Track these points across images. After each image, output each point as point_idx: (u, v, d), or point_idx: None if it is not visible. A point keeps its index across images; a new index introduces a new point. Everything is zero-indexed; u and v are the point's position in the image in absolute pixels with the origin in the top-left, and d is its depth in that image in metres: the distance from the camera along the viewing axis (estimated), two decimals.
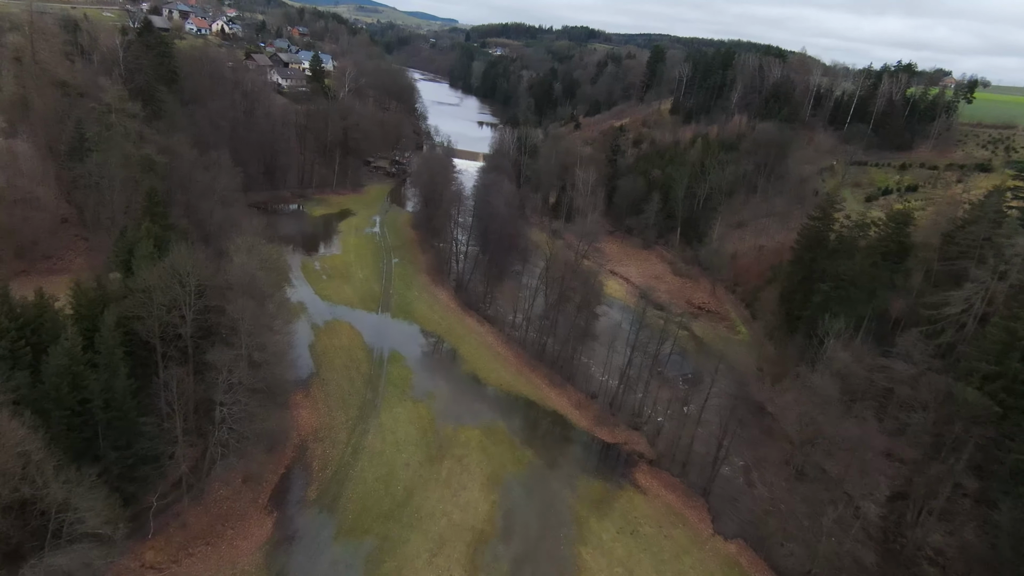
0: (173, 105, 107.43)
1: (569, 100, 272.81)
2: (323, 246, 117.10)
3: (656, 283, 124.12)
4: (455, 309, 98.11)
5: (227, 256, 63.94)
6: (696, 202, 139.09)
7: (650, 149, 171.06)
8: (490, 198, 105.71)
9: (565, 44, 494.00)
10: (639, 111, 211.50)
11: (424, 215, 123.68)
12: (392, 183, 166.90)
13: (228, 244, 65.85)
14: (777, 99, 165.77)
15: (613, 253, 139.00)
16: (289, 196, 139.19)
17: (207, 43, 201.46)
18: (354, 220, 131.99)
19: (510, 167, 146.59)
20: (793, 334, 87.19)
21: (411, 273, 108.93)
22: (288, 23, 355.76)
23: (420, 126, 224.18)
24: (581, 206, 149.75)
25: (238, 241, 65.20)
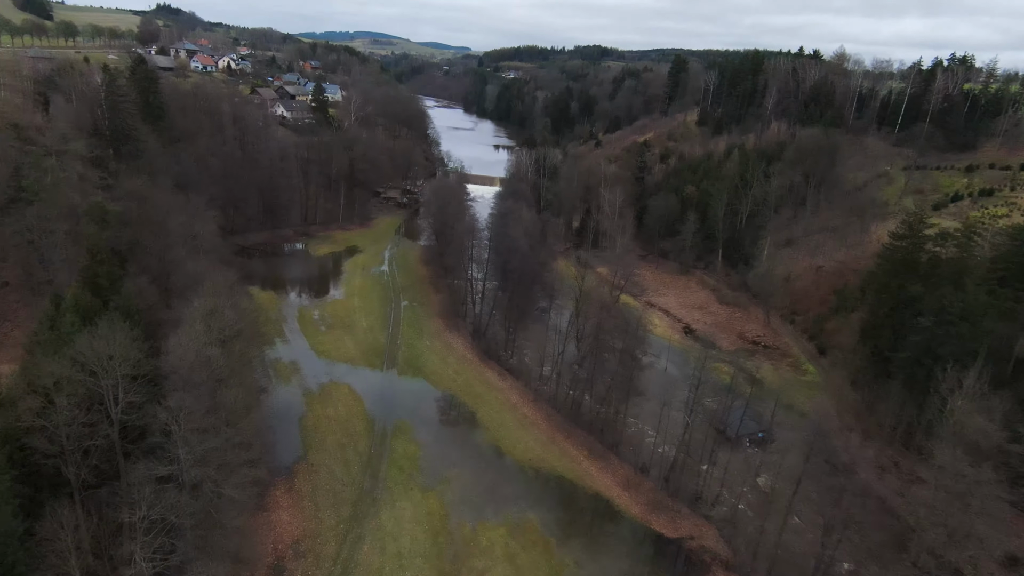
0: (154, 145, 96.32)
1: (587, 117, 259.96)
2: (324, 290, 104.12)
3: (700, 314, 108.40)
4: (472, 360, 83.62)
5: (180, 326, 50.63)
6: (738, 220, 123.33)
7: (679, 164, 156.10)
8: (508, 229, 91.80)
9: (578, 63, 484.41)
10: (663, 125, 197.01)
11: (436, 250, 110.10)
12: (404, 214, 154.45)
13: (185, 309, 52.62)
14: (818, 102, 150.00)
15: (648, 280, 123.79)
16: (291, 235, 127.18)
17: (212, 80, 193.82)
18: (360, 258, 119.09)
19: (528, 191, 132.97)
20: (882, 377, 70.74)
21: (422, 317, 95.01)
22: (301, 58, 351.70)
23: (432, 152, 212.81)
24: (608, 230, 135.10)
25: (195, 304, 51.92)
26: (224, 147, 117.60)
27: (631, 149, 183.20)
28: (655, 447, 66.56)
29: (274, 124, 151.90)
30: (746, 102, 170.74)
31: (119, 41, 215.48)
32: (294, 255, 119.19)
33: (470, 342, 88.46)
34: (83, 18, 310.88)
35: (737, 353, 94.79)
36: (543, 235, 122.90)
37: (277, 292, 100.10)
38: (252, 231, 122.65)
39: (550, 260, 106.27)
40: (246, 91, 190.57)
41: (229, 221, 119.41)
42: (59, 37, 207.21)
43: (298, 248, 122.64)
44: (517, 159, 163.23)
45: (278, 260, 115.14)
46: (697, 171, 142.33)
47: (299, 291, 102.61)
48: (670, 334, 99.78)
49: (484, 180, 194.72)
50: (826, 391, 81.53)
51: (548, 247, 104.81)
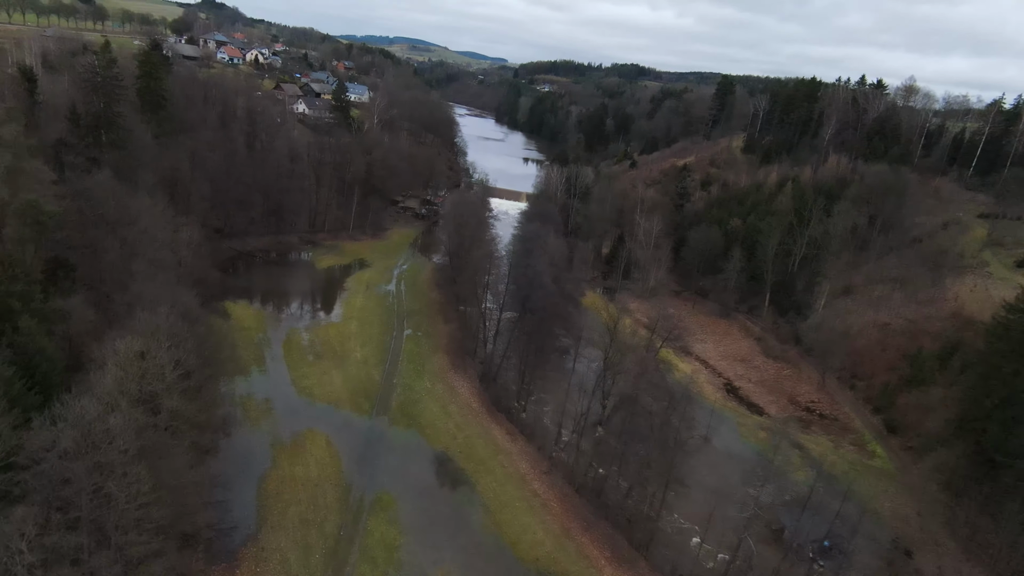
0: (144, 135, 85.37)
1: (622, 136, 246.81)
2: (320, 310, 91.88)
3: (744, 369, 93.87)
4: (478, 411, 70.30)
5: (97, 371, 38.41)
6: (791, 261, 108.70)
7: (723, 193, 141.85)
8: (531, 258, 78.53)
9: (615, 81, 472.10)
10: (705, 149, 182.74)
11: (449, 272, 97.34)
12: (421, 227, 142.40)
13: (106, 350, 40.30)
14: (883, 136, 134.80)
15: (684, 323, 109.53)
16: (296, 242, 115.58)
17: (235, 72, 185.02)
18: (367, 274, 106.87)
19: (557, 212, 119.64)
20: (987, 482, 55.88)
21: (426, 352, 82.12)
22: (336, 58, 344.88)
23: (458, 162, 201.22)
24: (642, 260, 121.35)
25: (118, 347, 39.62)
26: (229, 143, 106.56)
27: (669, 173, 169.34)
28: (699, 551, 52.52)
29: (291, 122, 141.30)
30: (799, 131, 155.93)
31: (149, 27, 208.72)
32: (295, 265, 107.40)
33: (477, 387, 75.19)
34: (125, 5, 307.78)
35: (787, 422, 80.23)
36: (570, 259, 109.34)
37: (267, 308, 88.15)
38: (253, 235, 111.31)
39: (577, 295, 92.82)
40: (269, 85, 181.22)
41: (228, 222, 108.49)
42: (88, 19, 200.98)
43: (301, 257, 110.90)
44: (547, 176, 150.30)
45: (276, 270, 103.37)
46: (744, 203, 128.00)
47: (292, 309, 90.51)
48: (710, 392, 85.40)
49: (510, 195, 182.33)
50: (903, 486, 66.52)
51: (575, 280, 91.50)
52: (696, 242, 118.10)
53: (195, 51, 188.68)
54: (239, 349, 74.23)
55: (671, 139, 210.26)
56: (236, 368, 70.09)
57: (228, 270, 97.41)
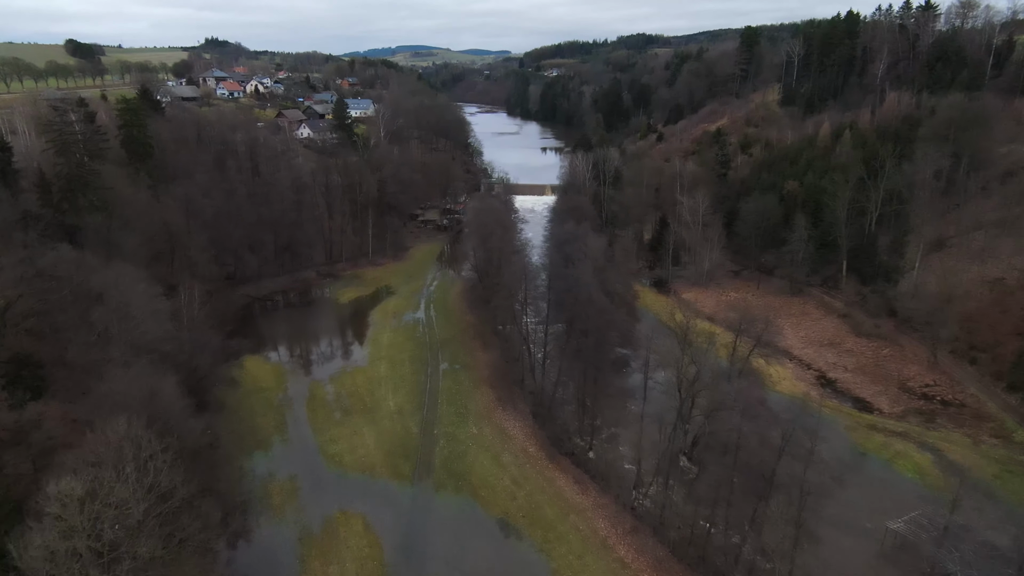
0: (127, 190, 76.81)
1: (641, 109, 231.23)
2: (345, 353, 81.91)
3: (835, 355, 79.92)
4: (536, 458, 58.99)
5: None
6: (867, 221, 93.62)
7: (768, 154, 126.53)
8: (574, 269, 66.63)
9: (624, 54, 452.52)
10: (736, 108, 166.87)
11: (480, 291, 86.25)
12: (444, 239, 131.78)
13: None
14: (946, 62, 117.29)
15: (747, 305, 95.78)
16: (314, 278, 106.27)
17: (237, 106, 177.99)
18: (392, 303, 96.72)
19: (588, 204, 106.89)
20: None
21: (466, 388, 71.21)
22: (339, 76, 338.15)
23: (474, 163, 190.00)
24: (690, 242, 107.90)
25: (50, 490, 29.65)
26: (227, 183, 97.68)
27: (703, 140, 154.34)
28: None
29: (294, 149, 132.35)
30: (843, 73, 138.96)
31: (148, 75, 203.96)
32: (315, 304, 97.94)
33: (531, 425, 63.86)
34: (134, 59, 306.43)
35: (906, 416, 66.44)
36: (613, 260, 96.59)
37: (287, 360, 78.75)
38: (267, 277, 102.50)
39: (630, 297, 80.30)
40: (271, 114, 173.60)
41: (238, 268, 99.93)
42: (86, 77, 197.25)
43: (321, 294, 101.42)
44: (571, 165, 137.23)
45: (295, 313, 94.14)
46: (796, 161, 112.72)
47: (314, 356, 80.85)
48: (801, 389, 71.93)
49: (533, 189, 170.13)
50: None
51: (624, 280, 78.81)
52: (750, 214, 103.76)
53: (194, 91, 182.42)
54: (257, 417, 64.82)
55: (696, 104, 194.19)
56: (254, 442, 60.66)
57: (243, 320, 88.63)
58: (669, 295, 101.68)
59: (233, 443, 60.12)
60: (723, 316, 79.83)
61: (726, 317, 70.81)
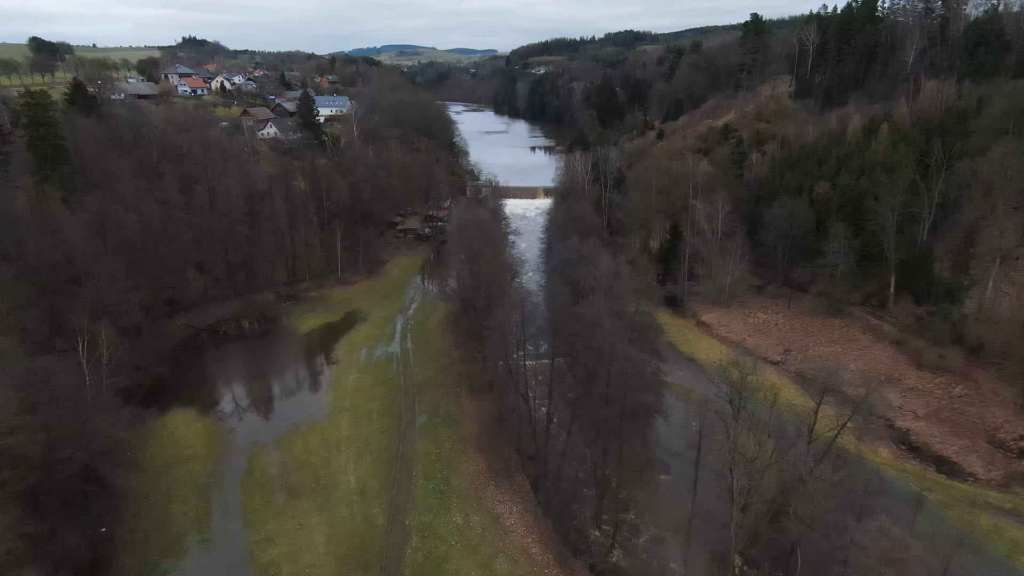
0: (12, 206, 60.15)
1: (637, 104, 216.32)
2: (299, 403, 65.60)
3: (898, 395, 64.90)
4: (542, 563, 43.40)
5: None
6: (919, 229, 78.96)
7: (787, 152, 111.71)
8: (582, 301, 51.05)
9: (613, 50, 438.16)
10: (742, 103, 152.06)
11: (467, 322, 70.47)
12: (426, 250, 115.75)
13: None
14: (988, 47, 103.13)
15: (780, 329, 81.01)
16: (272, 301, 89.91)
17: (199, 104, 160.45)
18: (362, 332, 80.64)
19: (592, 212, 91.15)
20: None
21: (449, 453, 55.48)
22: (319, 73, 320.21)
23: (460, 164, 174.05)
24: (705, 254, 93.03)
25: None
26: (159, 193, 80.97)
27: (709, 137, 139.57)
28: None
29: (257, 151, 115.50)
30: (864, 62, 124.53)
31: (106, 73, 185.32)
32: (270, 334, 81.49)
33: (532, 510, 48.25)
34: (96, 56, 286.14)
35: (1010, 484, 51.67)
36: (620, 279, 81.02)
37: (223, 416, 62.33)
38: (216, 301, 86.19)
39: (651, 328, 64.71)
40: (236, 112, 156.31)
41: (182, 292, 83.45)
42: (35, 74, 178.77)
43: (278, 322, 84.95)
44: (568, 166, 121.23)
45: (242, 348, 77.71)
46: (824, 160, 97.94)
47: (260, 408, 64.61)
48: (866, 446, 56.87)
49: (524, 192, 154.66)
50: None
51: (640, 304, 62.90)
52: (775, 220, 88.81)
53: (151, 88, 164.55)
54: (173, 505, 48.69)
55: (697, 99, 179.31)
56: (164, 545, 44.59)
57: (177, 359, 72.23)
58: (687, 317, 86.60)
59: (134, 549, 44.05)
60: (782, 360, 64.72)
61: (798, 370, 55.33)
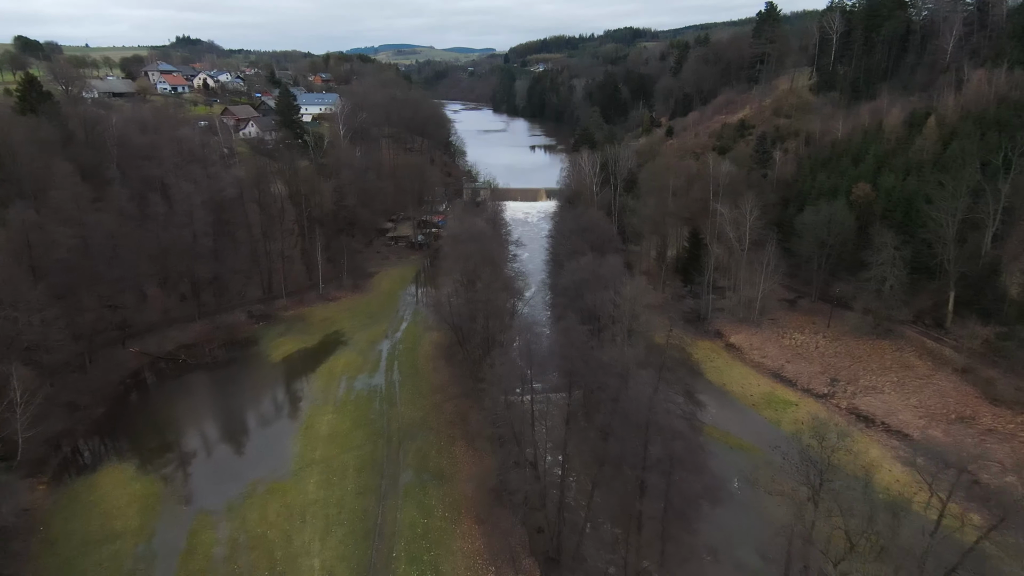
0: None
1: (642, 101, 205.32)
2: (260, 451, 54.51)
3: (973, 437, 53.86)
4: None
5: None
6: (983, 238, 68.07)
7: (817, 150, 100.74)
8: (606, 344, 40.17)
9: (612, 47, 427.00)
10: (758, 97, 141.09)
11: (462, 352, 59.45)
12: (419, 259, 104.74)
13: None
14: None
15: (821, 353, 70.13)
16: (242, 323, 78.95)
17: (179, 101, 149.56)
18: (342, 359, 69.64)
19: (606, 221, 79.92)
20: None
21: (440, 527, 44.55)
22: (312, 71, 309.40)
23: (457, 164, 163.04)
24: (728, 264, 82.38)
25: None
26: (104, 201, 69.92)
27: (724, 135, 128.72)
28: None
29: (222, 153, 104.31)
30: (894, 51, 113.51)
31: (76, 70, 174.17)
32: (236, 363, 70.41)
33: None
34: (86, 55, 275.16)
35: None
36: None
37: (167, 472, 51.29)
38: (177, 324, 75.33)
39: (685, 362, 53.61)
40: (217, 111, 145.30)
41: (138, 314, 72.60)
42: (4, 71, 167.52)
43: (248, 348, 73.92)
44: (574, 166, 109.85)
45: (202, 381, 66.60)
46: (860, 159, 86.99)
47: (211, 462, 53.53)
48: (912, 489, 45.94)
49: (526, 195, 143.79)
50: None
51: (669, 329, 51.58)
52: (810, 227, 77.95)
53: (127, 86, 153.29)
54: None
55: (705, 94, 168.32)
56: None
57: (122, 397, 61.33)
58: (712, 338, 75.67)
59: None
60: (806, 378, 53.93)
61: (851, 405, 44.38)
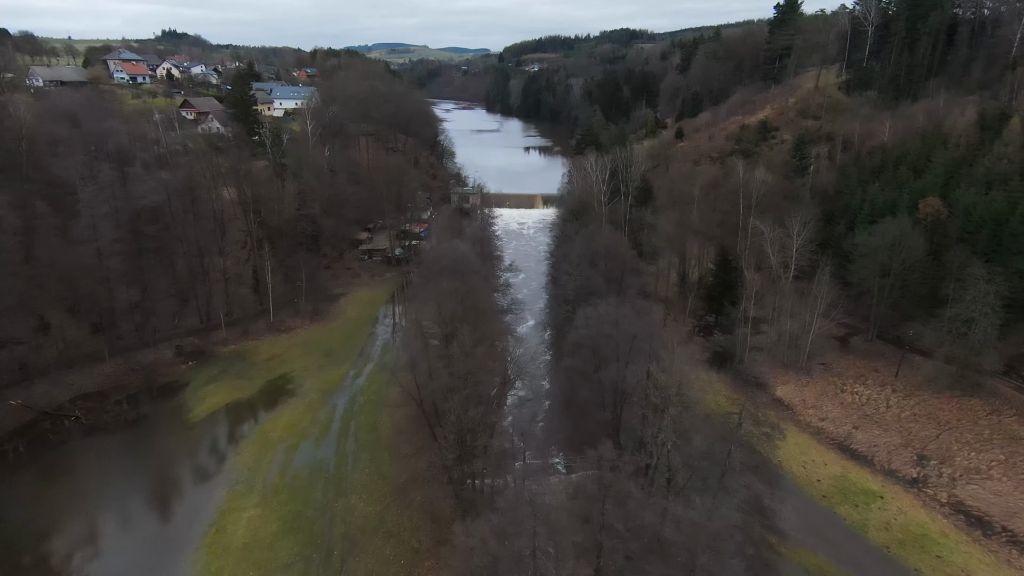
0: None
1: (645, 101, 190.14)
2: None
3: None
4: None
5: None
6: None
7: (855, 158, 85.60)
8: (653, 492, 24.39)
9: (610, 47, 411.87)
10: (779, 96, 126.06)
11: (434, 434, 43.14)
12: (396, 276, 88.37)
13: None
14: None
15: (895, 415, 54.80)
16: (166, 361, 62.46)
17: (137, 92, 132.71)
18: (284, 417, 53.39)
19: (626, 244, 63.39)
20: None
21: None
22: (300, 66, 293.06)
23: (444, 166, 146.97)
24: (770, 293, 67.04)
25: None
26: None
27: (742, 137, 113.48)
28: None
29: (159, 151, 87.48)
30: (941, 45, 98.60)
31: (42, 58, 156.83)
32: (145, 423, 53.83)
33: None
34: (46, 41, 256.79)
35: None
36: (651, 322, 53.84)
37: None
38: (80, 365, 58.85)
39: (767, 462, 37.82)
40: (177, 103, 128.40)
41: (29, 354, 56.26)
42: None
43: (167, 398, 57.47)
44: (578, 171, 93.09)
45: (92, 449, 50.01)
46: (924, 169, 71.80)
47: None
48: None
49: (520, 201, 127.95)
50: None
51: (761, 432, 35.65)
52: (870, 251, 62.72)
53: (77, 74, 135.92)
54: None
55: (716, 94, 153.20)
56: None
57: None
58: (751, 387, 60.02)
59: None
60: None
61: (954, 498, 28.86)
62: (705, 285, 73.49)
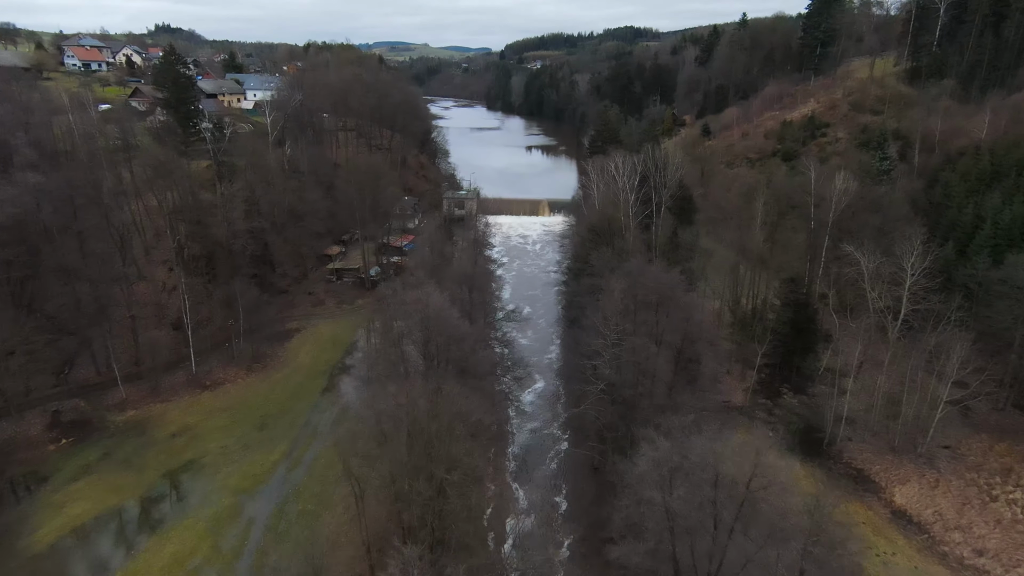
0: None
1: (659, 96, 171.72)
2: None
3: None
4: None
5: None
6: None
7: (941, 160, 67.17)
8: None
9: (614, 45, 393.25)
10: (822, 88, 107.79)
11: None
12: (370, 302, 69.47)
13: None
14: None
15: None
16: (36, 435, 44.04)
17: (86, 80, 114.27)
18: (171, 544, 34.97)
19: (679, 282, 44.46)
20: None
21: None
22: (292, 59, 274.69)
23: (439, 167, 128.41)
24: (854, 339, 48.56)
25: None
26: None
27: (784, 135, 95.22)
28: None
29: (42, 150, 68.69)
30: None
31: None
32: None
33: None
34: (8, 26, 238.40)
35: None
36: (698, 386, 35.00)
37: None
38: None
39: None
40: (127, 92, 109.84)
41: None
42: None
43: (8, 507, 39.12)
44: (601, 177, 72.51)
45: None
46: None
47: None
48: None
49: (523, 207, 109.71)
50: None
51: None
52: (1010, 288, 44.41)
53: (19, 59, 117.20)
54: None
55: (743, 87, 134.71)
56: None
57: None
58: (856, 491, 41.50)
59: None
60: None
61: None
62: (765, 327, 55.13)
